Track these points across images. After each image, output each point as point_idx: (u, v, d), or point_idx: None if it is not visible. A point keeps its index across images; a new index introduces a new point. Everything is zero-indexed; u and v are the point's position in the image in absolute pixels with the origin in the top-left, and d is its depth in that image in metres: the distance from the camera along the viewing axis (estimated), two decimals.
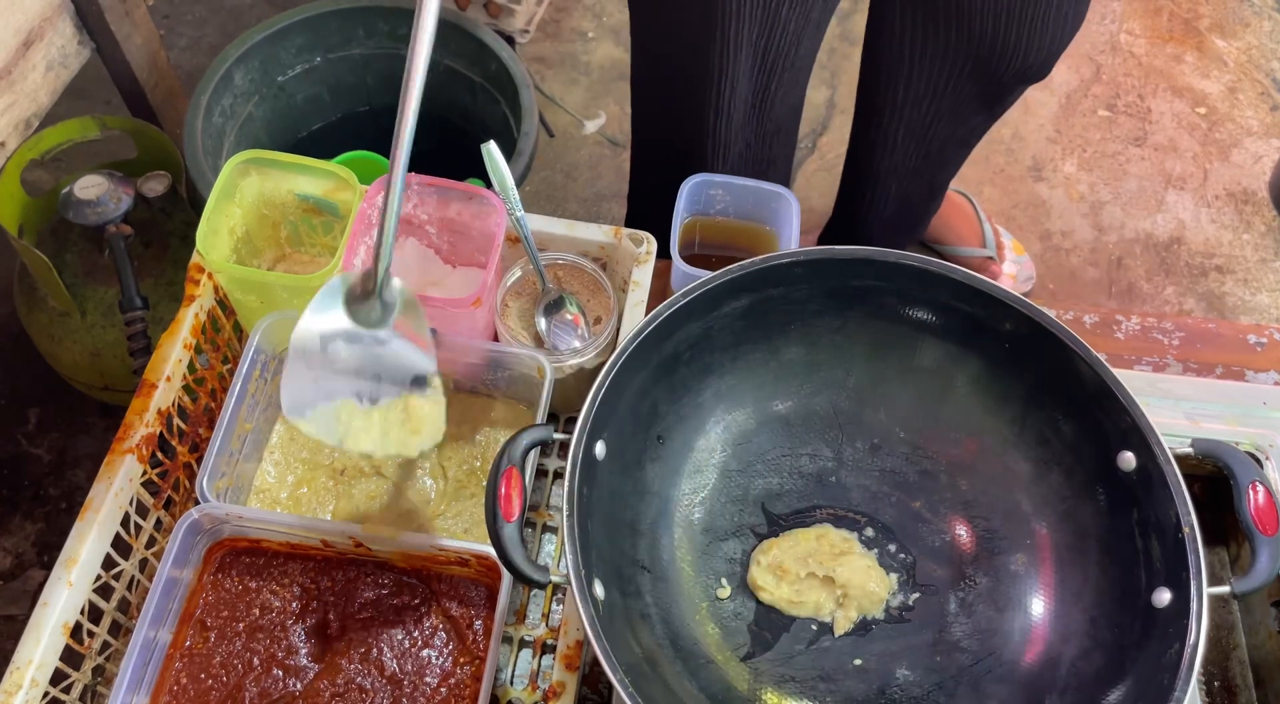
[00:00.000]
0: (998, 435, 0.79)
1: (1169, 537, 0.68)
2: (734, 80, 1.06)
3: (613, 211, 1.71)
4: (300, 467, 0.87)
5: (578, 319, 0.90)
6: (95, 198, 1.18)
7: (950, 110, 1.19)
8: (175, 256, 1.27)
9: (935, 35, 1.10)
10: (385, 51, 1.33)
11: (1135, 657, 0.68)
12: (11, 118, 1.14)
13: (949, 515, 0.81)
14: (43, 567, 1.34)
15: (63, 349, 1.27)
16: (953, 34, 1.08)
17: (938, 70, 1.13)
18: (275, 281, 0.83)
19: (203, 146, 1.18)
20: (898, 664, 0.76)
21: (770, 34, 1.03)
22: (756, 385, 0.81)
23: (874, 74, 1.20)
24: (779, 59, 1.07)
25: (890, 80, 1.18)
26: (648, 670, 0.67)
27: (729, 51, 1.02)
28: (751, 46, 1.03)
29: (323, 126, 1.40)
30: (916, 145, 1.26)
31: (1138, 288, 1.69)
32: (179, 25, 1.82)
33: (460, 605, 0.80)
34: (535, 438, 0.69)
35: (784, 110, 1.17)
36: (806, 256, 0.76)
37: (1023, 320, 0.75)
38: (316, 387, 0.73)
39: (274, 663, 0.78)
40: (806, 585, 0.78)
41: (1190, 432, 0.91)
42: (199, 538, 0.79)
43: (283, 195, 0.88)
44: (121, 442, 0.77)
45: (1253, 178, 1.80)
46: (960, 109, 1.19)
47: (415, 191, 0.86)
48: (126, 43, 1.23)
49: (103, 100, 1.64)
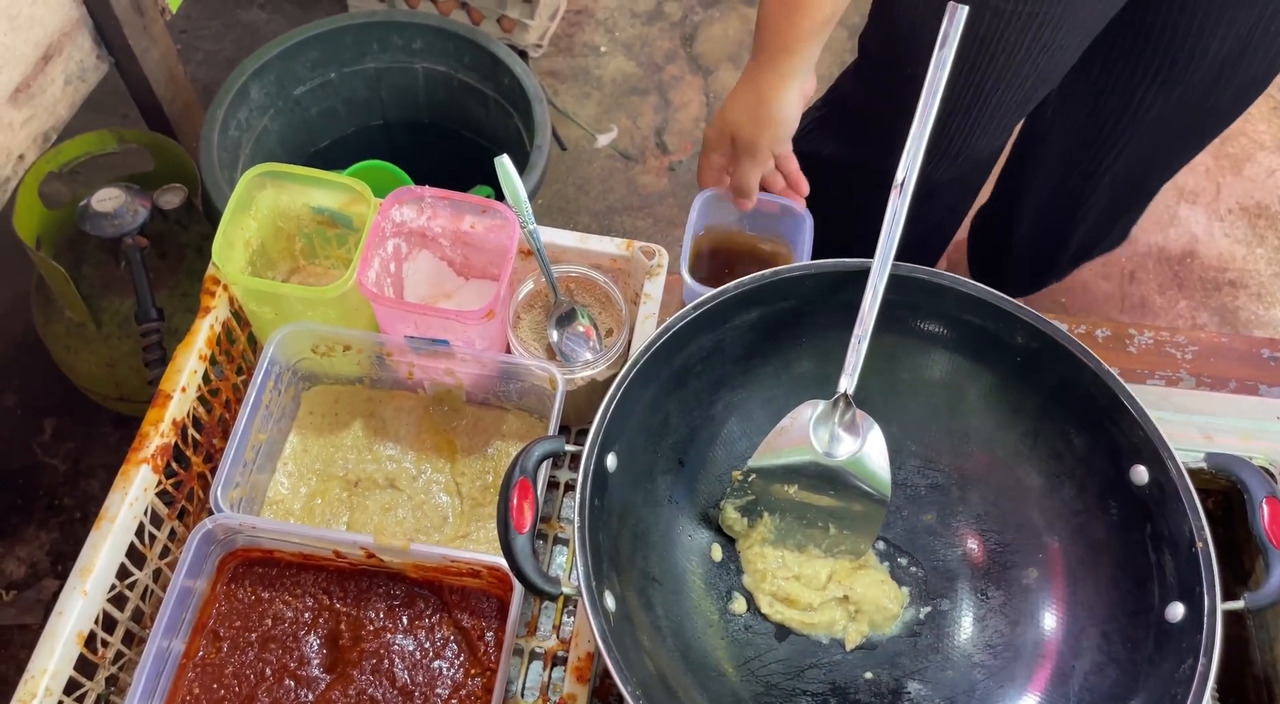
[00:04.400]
0: (1009, 449, 0.79)
1: (1182, 551, 0.68)
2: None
3: (624, 224, 1.72)
4: (314, 478, 0.88)
5: (589, 331, 0.91)
6: (112, 210, 1.19)
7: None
8: (191, 268, 1.28)
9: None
10: (399, 66, 1.34)
11: (1148, 672, 0.68)
12: (30, 131, 1.16)
13: (961, 529, 0.80)
14: (57, 576, 1.34)
15: (79, 360, 1.28)
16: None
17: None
18: (290, 293, 0.83)
19: (219, 160, 1.19)
20: (909, 678, 0.76)
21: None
22: (767, 398, 0.81)
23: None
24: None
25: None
26: (659, 683, 0.67)
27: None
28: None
29: (337, 140, 1.41)
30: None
31: (1150, 302, 1.68)
32: (196, 40, 1.84)
33: (472, 617, 0.81)
34: (547, 450, 0.69)
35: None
36: (817, 269, 0.76)
37: (1035, 334, 0.75)
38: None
39: (286, 673, 0.78)
40: (820, 605, 0.78)
41: (1203, 446, 0.91)
42: (213, 548, 0.80)
43: (297, 208, 0.89)
44: (137, 452, 0.78)
45: (1266, 191, 1.80)
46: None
47: (429, 204, 0.87)
48: (144, 57, 1.25)
49: (120, 114, 1.65)
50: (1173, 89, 1.09)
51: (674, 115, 1.83)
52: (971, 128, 1.05)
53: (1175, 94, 1.09)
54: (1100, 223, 1.37)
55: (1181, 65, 1.06)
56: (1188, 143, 1.20)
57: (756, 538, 0.79)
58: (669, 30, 1.92)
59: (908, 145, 0.72)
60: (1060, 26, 0.95)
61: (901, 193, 0.72)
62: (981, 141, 1.08)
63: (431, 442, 0.90)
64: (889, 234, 0.72)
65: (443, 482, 0.88)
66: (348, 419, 0.90)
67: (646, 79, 1.87)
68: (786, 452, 0.76)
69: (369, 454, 0.89)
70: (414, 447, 0.89)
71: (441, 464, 0.89)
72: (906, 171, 0.72)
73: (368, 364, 0.88)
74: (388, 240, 0.87)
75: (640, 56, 1.89)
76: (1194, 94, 1.09)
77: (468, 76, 1.33)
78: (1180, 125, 1.14)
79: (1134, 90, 1.11)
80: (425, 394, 0.91)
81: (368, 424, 0.90)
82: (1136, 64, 1.08)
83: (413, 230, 0.89)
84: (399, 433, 0.90)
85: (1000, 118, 1.05)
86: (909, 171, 0.72)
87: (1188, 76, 1.07)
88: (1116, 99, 1.13)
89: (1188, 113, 1.12)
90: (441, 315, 0.82)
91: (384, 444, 0.89)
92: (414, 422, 0.90)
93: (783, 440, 0.76)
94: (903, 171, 0.72)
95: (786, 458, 0.76)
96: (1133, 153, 1.19)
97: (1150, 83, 1.09)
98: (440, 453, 0.89)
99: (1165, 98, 1.10)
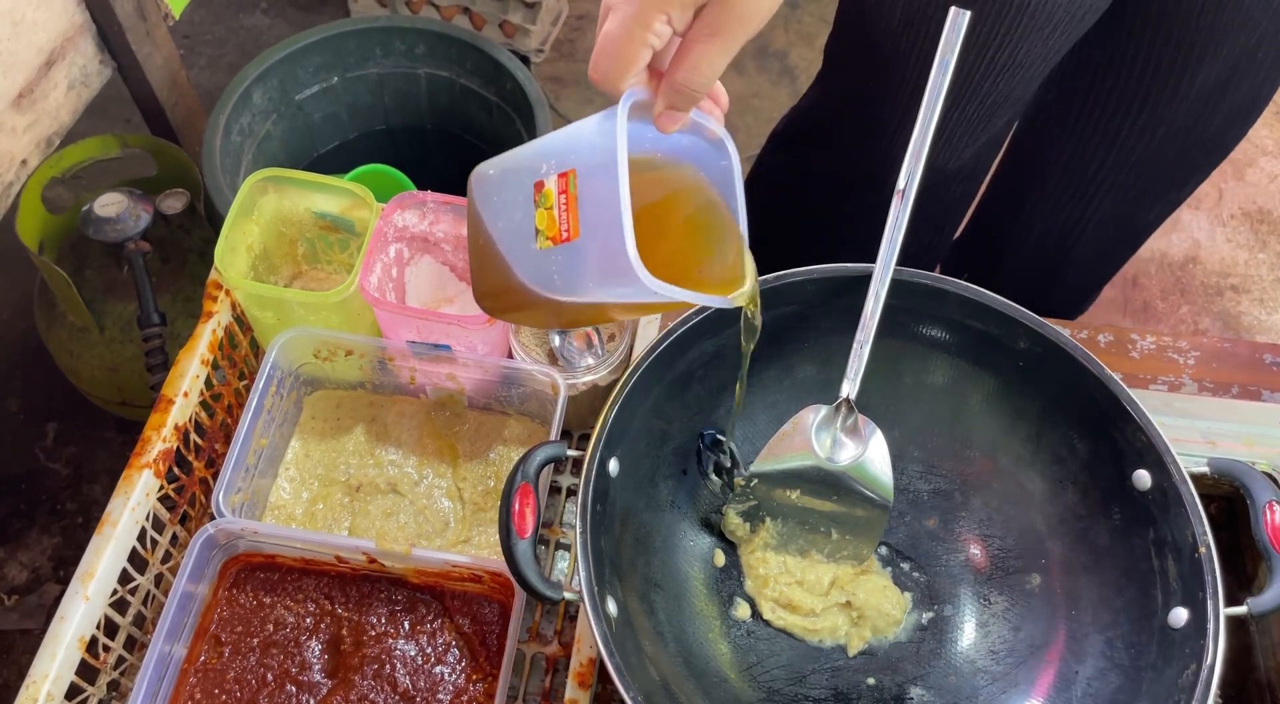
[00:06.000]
0: (1012, 454, 0.79)
1: (1185, 556, 0.67)
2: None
3: None
4: (315, 483, 0.88)
5: (591, 336, 0.91)
6: (115, 215, 1.19)
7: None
8: (193, 273, 1.28)
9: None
10: (402, 71, 1.34)
11: (1151, 678, 0.67)
12: (33, 136, 1.16)
13: (963, 534, 0.80)
14: (58, 581, 1.34)
15: (81, 364, 1.28)
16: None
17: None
18: (292, 298, 0.84)
19: (221, 164, 1.19)
20: (912, 684, 0.75)
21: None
22: (769, 403, 0.81)
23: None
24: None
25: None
26: (661, 689, 0.67)
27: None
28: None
29: (340, 145, 1.41)
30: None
31: (1153, 307, 1.68)
32: (199, 45, 1.84)
33: (473, 622, 0.80)
34: (549, 454, 0.69)
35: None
36: (820, 274, 0.76)
37: (1037, 339, 0.75)
38: None
39: (288, 678, 0.78)
40: (823, 611, 0.77)
41: (1206, 451, 0.90)
42: (214, 553, 0.80)
43: (300, 213, 0.89)
44: (139, 457, 0.78)
45: (1268, 197, 1.79)
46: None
47: (431, 209, 0.87)
48: (147, 62, 1.25)
49: (123, 119, 1.66)
50: (1158, 123, 1.06)
51: None
52: (935, 139, 1.01)
53: (1160, 129, 1.06)
54: (1093, 266, 1.33)
55: (1166, 98, 1.03)
56: (1178, 178, 1.16)
57: (759, 543, 0.79)
58: None
59: (909, 152, 0.72)
60: (1022, 41, 0.91)
61: (903, 199, 0.72)
62: (945, 153, 1.04)
63: (433, 446, 0.90)
64: (890, 239, 0.72)
65: (444, 487, 0.88)
66: (350, 424, 0.90)
67: None
68: (788, 457, 0.76)
69: (371, 459, 0.89)
70: (416, 451, 0.89)
71: (443, 469, 0.89)
72: (908, 178, 0.72)
73: (370, 369, 0.88)
74: (390, 245, 0.87)
75: None
76: (1179, 127, 1.06)
77: (470, 81, 1.33)
78: (1169, 160, 1.11)
79: (1119, 127, 1.08)
80: (427, 399, 0.91)
81: (369, 429, 0.90)
82: (1119, 100, 1.06)
83: (415, 235, 0.89)
84: (401, 438, 0.90)
85: (963, 132, 1.02)
86: (910, 178, 0.72)
87: (1173, 109, 1.04)
88: (1099, 137, 1.10)
89: (1174, 147, 1.09)
90: (443, 320, 0.82)
91: (386, 449, 0.89)
92: (416, 426, 0.90)
93: (785, 445, 0.76)
94: (904, 179, 0.72)
95: (788, 463, 0.76)
96: (1119, 193, 1.16)
97: (1135, 118, 1.06)
98: (442, 458, 0.89)
99: (1151, 133, 1.07)
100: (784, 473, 0.76)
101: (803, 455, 0.76)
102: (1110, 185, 1.15)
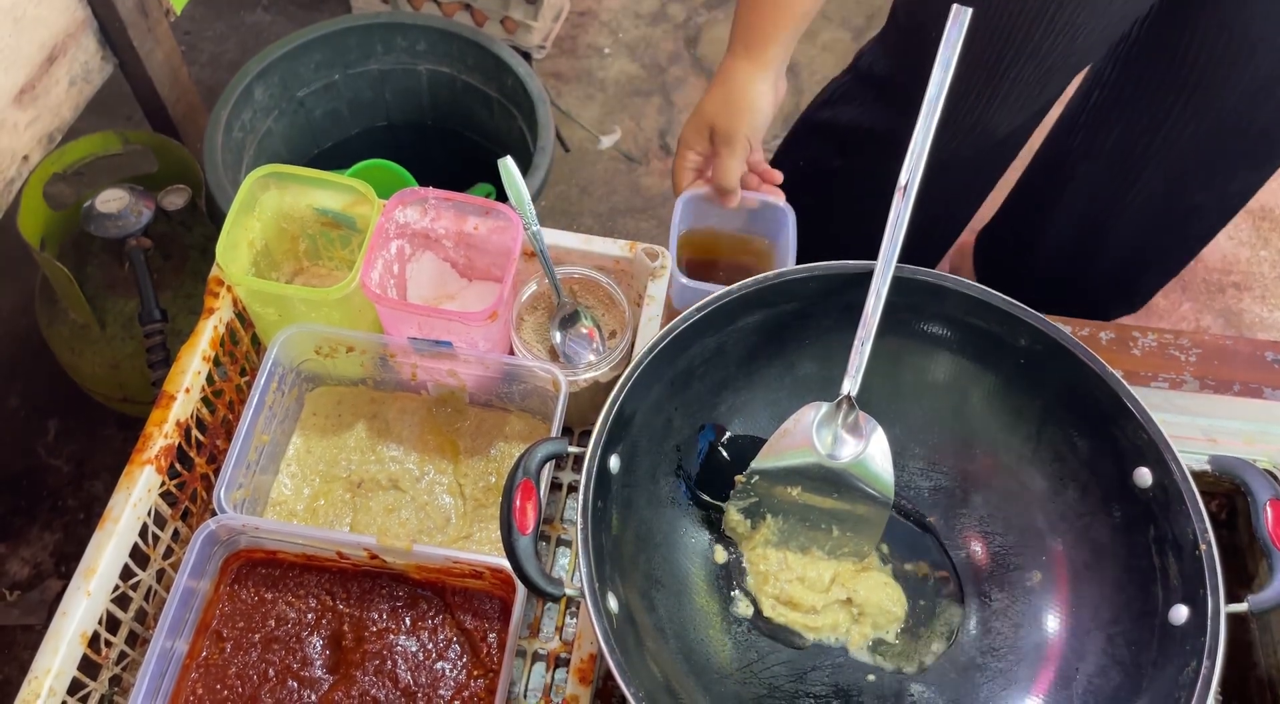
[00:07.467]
0: (1013, 451, 0.79)
1: (1186, 554, 0.67)
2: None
3: (627, 226, 1.72)
4: (317, 479, 0.88)
5: (592, 333, 0.91)
6: (116, 211, 1.19)
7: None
8: (195, 269, 1.28)
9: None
10: (403, 67, 1.34)
11: (1152, 675, 0.67)
12: (35, 132, 1.16)
13: (964, 531, 0.80)
14: (60, 577, 1.35)
15: (83, 361, 1.28)
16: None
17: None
18: (293, 294, 0.84)
19: (223, 161, 1.19)
20: (913, 680, 0.75)
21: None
22: (771, 400, 0.81)
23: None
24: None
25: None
26: (661, 685, 0.67)
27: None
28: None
29: (341, 141, 1.41)
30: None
31: (1154, 304, 1.68)
32: (200, 41, 1.84)
33: (474, 618, 0.81)
34: (550, 451, 0.69)
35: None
36: (821, 271, 0.76)
37: (1038, 336, 0.75)
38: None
39: (289, 674, 0.78)
40: (823, 607, 0.77)
41: (1207, 449, 0.91)
42: (216, 549, 0.80)
43: (301, 209, 0.89)
44: (140, 453, 0.78)
45: (1271, 194, 1.79)
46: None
47: (432, 206, 0.87)
48: (149, 58, 1.25)
49: (124, 115, 1.66)
50: (1207, 110, 1.08)
51: (677, 117, 1.83)
52: (990, 100, 1.04)
53: (1209, 116, 1.08)
54: (1134, 246, 1.33)
55: (1216, 88, 1.05)
56: (1222, 167, 1.17)
57: (759, 540, 0.79)
58: (672, 32, 1.92)
59: (910, 147, 0.72)
60: (1081, 6, 0.94)
61: (905, 195, 0.72)
62: (1000, 116, 1.07)
63: (434, 443, 0.90)
64: (892, 236, 0.72)
65: (446, 483, 0.88)
66: (351, 420, 0.90)
67: (650, 81, 1.87)
68: (789, 454, 0.76)
69: (372, 455, 0.89)
70: (417, 448, 0.89)
71: (444, 465, 0.89)
72: (910, 174, 0.72)
73: (371, 365, 0.88)
74: (391, 242, 0.87)
75: (644, 58, 1.89)
76: (1229, 117, 1.07)
77: (471, 78, 1.33)
78: (1217, 149, 1.13)
79: (1169, 108, 1.10)
80: (428, 395, 0.91)
81: (371, 425, 0.90)
82: (1169, 87, 1.08)
83: (416, 232, 0.89)
84: (402, 434, 0.90)
85: (1019, 93, 1.04)
86: (912, 174, 0.72)
87: (1221, 99, 1.06)
88: (1150, 116, 1.12)
89: (1224, 136, 1.10)
90: (445, 317, 0.82)
91: (387, 445, 0.89)
92: (417, 423, 0.90)
93: (786, 442, 0.76)
94: (906, 175, 0.72)
95: (789, 460, 0.76)
96: (1162, 172, 1.18)
97: (1184, 105, 1.08)
98: (443, 454, 0.89)
99: (1199, 119, 1.09)
100: (785, 470, 0.76)
101: (804, 452, 0.76)
102: (1156, 164, 1.17)
